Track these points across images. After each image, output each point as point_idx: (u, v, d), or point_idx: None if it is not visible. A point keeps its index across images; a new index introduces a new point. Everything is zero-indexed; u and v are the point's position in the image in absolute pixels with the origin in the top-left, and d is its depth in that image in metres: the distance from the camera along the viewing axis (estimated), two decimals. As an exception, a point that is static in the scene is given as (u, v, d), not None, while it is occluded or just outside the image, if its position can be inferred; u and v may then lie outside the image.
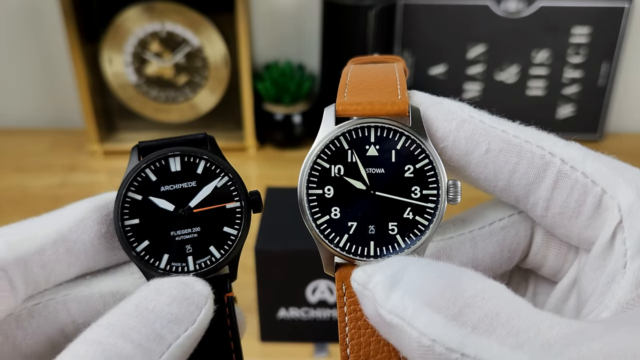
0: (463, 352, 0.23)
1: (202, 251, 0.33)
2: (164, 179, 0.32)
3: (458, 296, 0.25)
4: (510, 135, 0.31)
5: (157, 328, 0.27)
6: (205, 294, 0.30)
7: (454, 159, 0.32)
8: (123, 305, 0.28)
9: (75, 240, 0.31)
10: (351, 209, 0.31)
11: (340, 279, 0.32)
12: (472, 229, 0.34)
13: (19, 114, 1.36)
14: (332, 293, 0.79)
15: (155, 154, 0.32)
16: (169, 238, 0.32)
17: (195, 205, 0.32)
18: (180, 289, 0.29)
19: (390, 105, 0.30)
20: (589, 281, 0.30)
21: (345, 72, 0.34)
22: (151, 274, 0.32)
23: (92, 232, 0.32)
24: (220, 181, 0.33)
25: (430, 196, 0.31)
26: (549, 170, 0.30)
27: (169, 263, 0.32)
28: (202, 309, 0.29)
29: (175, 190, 0.32)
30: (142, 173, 0.32)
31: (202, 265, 0.33)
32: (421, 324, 0.24)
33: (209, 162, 0.33)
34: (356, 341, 0.31)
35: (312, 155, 0.31)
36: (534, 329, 0.24)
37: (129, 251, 0.32)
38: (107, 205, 0.33)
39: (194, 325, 0.28)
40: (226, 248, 0.33)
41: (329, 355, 0.80)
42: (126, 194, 0.32)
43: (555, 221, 0.31)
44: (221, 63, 1.19)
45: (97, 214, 0.32)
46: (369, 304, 0.28)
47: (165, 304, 0.28)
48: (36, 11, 1.25)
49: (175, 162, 0.32)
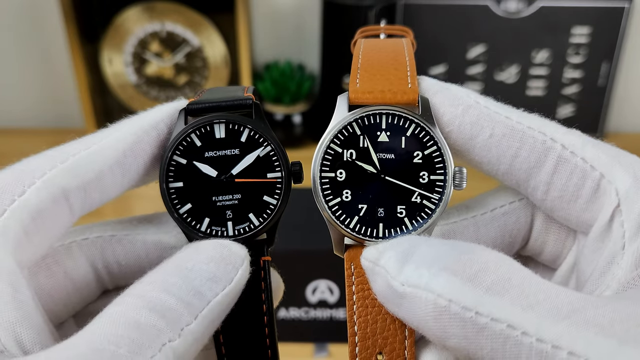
0: (478, 310, 0.25)
1: (241, 217, 0.34)
2: (208, 144, 0.33)
3: (473, 262, 0.27)
4: (513, 121, 0.32)
5: (197, 285, 0.28)
6: (242, 256, 0.31)
7: (459, 142, 0.33)
8: (164, 265, 0.30)
9: (130, 163, 0.33)
10: (362, 192, 0.33)
11: (350, 259, 0.33)
12: (475, 215, 0.35)
13: (19, 114, 1.36)
14: (332, 293, 0.79)
15: (202, 119, 0.33)
16: (210, 203, 0.33)
17: (237, 173, 0.33)
18: (218, 250, 0.31)
19: (400, 95, 0.32)
20: (588, 262, 0.31)
21: (356, 51, 0.36)
22: (192, 236, 0.33)
23: (146, 155, 0.33)
24: (263, 151, 0.34)
25: (437, 181, 0.32)
26: (550, 155, 0.31)
27: (210, 227, 0.33)
28: (239, 269, 0.31)
29: (219, 156, 0.33)
30: (188, 138, 0.33)
31: (240, 231, 0.34)
32: (438, 286, 0.26)
33: (253, 131, 0.33)
34: (363, 319, 0.32)
35: (325, 139, 0.33)
36: (543, 294, 0.25)
37: (172, 212, 0.33)
38: (162, 121, 0.34)
39: (231, 284, 0.30)
40: (265, 216, 0.34)
41: (329, 355, 0.80)
42: (172, 156, 0.33)
43: (554, 204, 0.32)
44: (221, 63, 1.19)
45: (151, 135, 0.33)
46: (380, 280, 0.29)
47: (204, 263, 0.30)
48: (36, 11, 1.25)
49: (220, 129, 0.33)
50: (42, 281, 0.32)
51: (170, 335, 0.26)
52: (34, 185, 0.29)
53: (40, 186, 0.29)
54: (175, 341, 0.26)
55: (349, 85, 0.33)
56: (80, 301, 0.35)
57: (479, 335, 0.25)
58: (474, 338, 0.25)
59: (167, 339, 0.26)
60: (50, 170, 0.29)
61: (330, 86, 1.19)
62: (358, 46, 0.36)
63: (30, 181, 0.29)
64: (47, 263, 0.33)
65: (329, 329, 0.81)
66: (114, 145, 0.32)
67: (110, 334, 0.25)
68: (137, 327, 0.26)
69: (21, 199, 0.28)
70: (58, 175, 0.29)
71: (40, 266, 0.32)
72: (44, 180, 0.29)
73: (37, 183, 0.29)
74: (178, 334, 0.27)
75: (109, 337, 0.25)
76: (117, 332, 0.25)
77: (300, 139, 1.24)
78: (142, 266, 0.35)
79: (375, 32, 0.39)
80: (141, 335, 0.25)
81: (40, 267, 0.32)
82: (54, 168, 0.30)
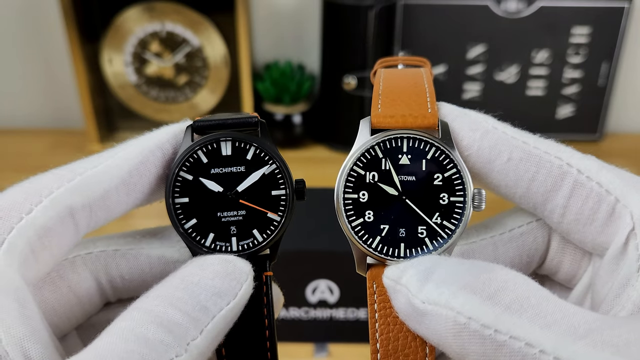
0: (497, 328, 0.26)
1: (245, 233, 0.34)
2: (214, 161, 0.34)
3: (492, 281, 0.27)
4: (530, 146, 0.33)
5: (202, 300, 0.29)
6: (246, 271, 0.32)
7: (477, 166, 0.34)
8: (169, 279, 0.30)
9: (135, 183, 0.33)
10: (384, 213, 0.33)
11: (372, 278, 0.34)
12: (494, 235, 0.36)
13: (19, 114, 1.36)
14: (332, 293, 0.79)
15: (208, 137, 0.34)
16: (215, 218, 0.34)
17: (243, 190, 0.34)
18: (223, 265, 0.31)
19: (421, 119, 0.33)
20: (603, 284, 0.32)
21: (377, 79, 0.37)
22: (196, 251, 0.34)
23: (151, 175, 0.34)
24: (269, 169, 0.34)
25: (457, 202, 0.33)
26: (566, 180, 0.32)
27: (214, 242, 0.34)
28: (243, 285, 0.31)
29: (225, 173, 0.34)
30: (195, 154, 0.34)
31: (244, 246, 0.34)
32: (458, 304, 0.27)
33: (259, 149, 0.34)
34: (385, 336, 0.33)
35: (349, 162, 0.34)
36: (560, 314, 0.26)
37: (177, 227, 0.34)
38: (168, 142, 0.34)
39: (236, 299, 0.30)
40: (268, 233, 0.34)
41: (329, 355, 0.80)
42: (178, 172, 0.33)
43: (570, 227, 0.33)
44: (221, 63, 1.19)
45: (156, 155, 0.34)
46: (401, 298, 0.30)
47: (209, 278, 0.30)
48: (36, 11, 1.25)
49: (227, 147, 0.34)
50: (46, 295, 0.33)
51: (177, 350, 0.27)
52: (41, 204, 0.29)
53: (48, 205, 0.29)
54: (182, 356, 0.27)
55: (371, 110, 0.34)
56: (83, 314, 0.35)
57: (497, 352, 0.26)
58: (492, 355, 0.26)
59: (175, 354, 0.26)
60: (58, 189, 0.30)
61: (330, 86, 1.19)
62: (378, 75, 0.38)
63: (38, 200, 0.29)
64: (52, 277, 0.33)
65: (329, 329, 0.82)
66: (120, 165, 0.32)
67: (119, 350, 0.25)
68: (146, 342, 0.26)
69: (29, 217, 0.29)
70: (65, 194, 0.30)
71: (45, 281, 0.33)
72: (51, 199, 0.29)
73: (45, 202, 0.29)
74: (185, 348, 0.27)
75: (118, 353, 0.25)
76: (126, 348, 0.25)
77: (300, 139, 1.24)
78: (145, 280, 0.35)
79: (394, 62, 0.41)
80: (150, 351, 0.26)
81: (45, 281, 0.33)
82: (61, 187, 0.30)
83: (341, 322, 0.81)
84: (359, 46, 1.14)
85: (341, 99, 1.18)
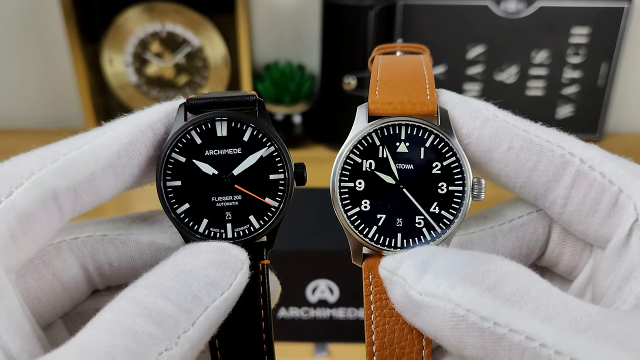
0: (496, 320, 0.25)
1: (241, 219, 0.32)
2: (209, 142, 0.32)
3: (492, 272, 0.26)
4: (532, 134, 0.32)
5: (194, 290, 0.27)
6: (242, 259, 0.30)
7: (477, 155, 0.33)
8: (160, 267, 0.29)
9: (124, 164, 0.31)
10: (380, 202, 0.33)
11: (368, 268, 0.33)
12: (493, 225, 0.35)
13: (19, 114, 1.36)
14: (332, 293, 0.79)
15: (203, 116, 0.32)
16: (209, 203, 0.32)
17: (239, 173, 0.32)
18: (217, 253, 0.30)
19: (419, 106, 0.32)
20: (605, 276, 0.31)
21: (375, 66, 0.36)
22: (189, 237, 0.32)
23: (141, 156, 0.32)
24: (267, 151, 0.33)
25: (455, 192, 0.32)
26: (568, 169, 0.31)
27: (208, 228, 0.32)
28: (238, 274, 0.30)
29: (220, 155, 0.32)
30: (188, 135, 0.32)
31: (240, 233, 0.32)
32: (457, 295, 0.26)
33: (256, 130, 0.32)
34: (381, 328, 0.32)
35: (345, 150, 0.33)
36: (562, 307, 0.25)
37: (168, 212, 0.32)
38: (159, 121, 0.32)
39: (230, 289, 0.29)
40: (266, 219, 0.33)
41: (329, 355, 0.80)
42: (170, 154, 0.32)
43: (572, 218, 0.32)
44: (221, 63, 1.19)
45: (147, 135, 0.32)
46: (397, 289, 0.29)
47: (202, 266, 0.29)
48: (36, 11, 1.25)
49: (222, 127, 0.32)
50: (29, 283, 0.31)
51: (167, 343, 0.25)
52: (22, 186, 0.27)
53: (29, 187, 0.27)
54: (172, 349, 0.25)
55: (368, 97, 0.33)
56: (69, 303, 0.33)
57: (496, 345, 0.25)
58: (491, 348, 0.25)
59: (164, 347, 0.25)
60: (40, 171, 0.28)
61: (330, 86, 1.20)
62: (376, 62, 0.36)
63: (18, 182, 0.28)
64: (35, 264, 0.31)
65: (329, 329, 0.82)
66: (108, 145, 0.31)
67: (104, 344, 0.24)
68: (133, 335, 0.25)
69: (8, 200, 0.27)
70: (47, 176, 0.28)
71: (28, 268, 0.31)
72: (32, 181, 0.28)
73: (25, 184, 0.28)
74: (175, 342, 0.26)
75: (104, 347, 0.24)
76: (111, 342, 0.24)
77: (300, 139, 1.24)
78: (135, 267, 0.34)
79: (392, 49, 0.39)
80: (137, 345, 0.24)
81: (28, 268, 0.31)
82: (44, 168, 0.28)
83: (341, 322, 0.82)
84: (359, 46, 1.14)
85: (341, 99, 1.19)
